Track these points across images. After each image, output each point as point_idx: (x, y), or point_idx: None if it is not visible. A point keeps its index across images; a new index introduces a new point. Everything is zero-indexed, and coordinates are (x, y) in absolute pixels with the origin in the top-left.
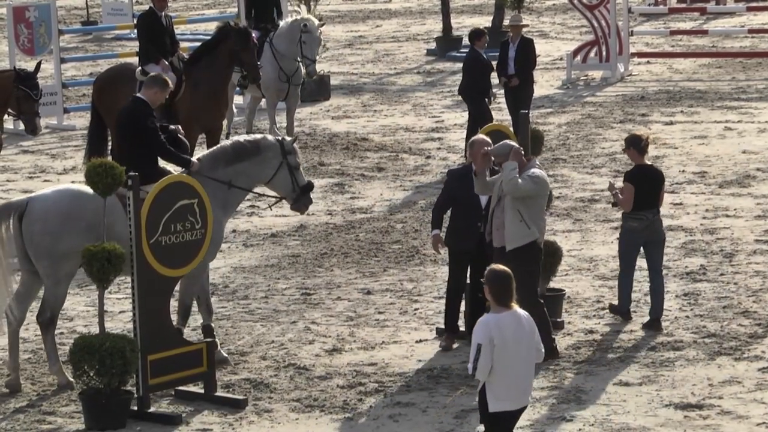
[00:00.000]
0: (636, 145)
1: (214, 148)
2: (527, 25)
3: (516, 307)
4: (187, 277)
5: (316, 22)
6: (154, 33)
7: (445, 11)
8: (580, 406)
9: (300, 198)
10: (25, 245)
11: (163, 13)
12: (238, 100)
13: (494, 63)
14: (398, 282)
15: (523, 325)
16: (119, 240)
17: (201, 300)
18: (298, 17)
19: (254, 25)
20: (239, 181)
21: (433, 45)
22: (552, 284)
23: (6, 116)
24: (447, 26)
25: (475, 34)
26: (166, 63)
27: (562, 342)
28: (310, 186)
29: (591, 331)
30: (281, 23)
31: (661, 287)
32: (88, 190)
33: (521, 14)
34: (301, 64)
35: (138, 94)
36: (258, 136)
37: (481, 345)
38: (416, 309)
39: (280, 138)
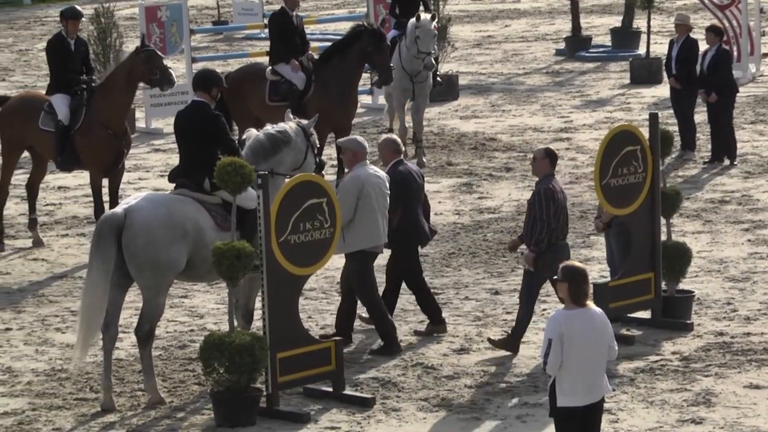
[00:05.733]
0: None
1: (251, 142)
2: (692, 27)
3: (591, 304)
4: (250, 280)
5: (428, 16)
6: (285, 32)
7: (575, 11)
8: (709, 408)
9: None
10: (124, 258)
11: (294, 13)
12: (366, 99)
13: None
14: None
15: (594, 322)
16: (209, 246)
17: (240, 304)
18: (419, 14)
19: (397, 22)
20: (279, 171)
21: (562, 45)
22: (681, 286)
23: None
24: (576, 26)
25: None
26: (297, 62)
27: (691, 344)
28: (323, 164)
29: (721, 334)
30: (409, 22)
31: None
32: (176, 197)
33: (687, 13)
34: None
35: (198, 98)
36: (283, 125)
37: (552, 340)
38: (544, 310)
39: (301, 122)
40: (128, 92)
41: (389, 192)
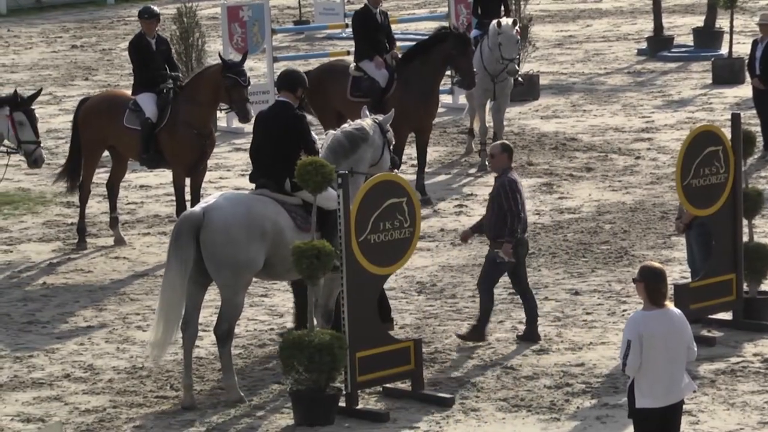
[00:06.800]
0: None
1: (330, 142)
2: None
3: (669, 305)
4: (330, 280)
5: (510, 21)
6: (369, 30)
7: (657, 11)
8: None
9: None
10: (202, 257)
11: (378, 10)
12: (446, 99)
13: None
14: (606, 283)
15: (674, 323)
16: (288, 247)
17: (319, 304)
18: (497, 21)
19: (479, 22)
20: (359, 169)
21: (644, 45)
22: (763, 287)
23: (219, 113)
24: (658, 26)
25: None
26: (380, 60)
27: None
28: (397, 162)
29: None
30: (491, 24)
31: None
32: (255, 196)
33: None
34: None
35: (282, 98)
36: (360, 122)
37: (631, 341)
38: (624, 310)
39: (377, 119)
40: (212, 100)
41: None
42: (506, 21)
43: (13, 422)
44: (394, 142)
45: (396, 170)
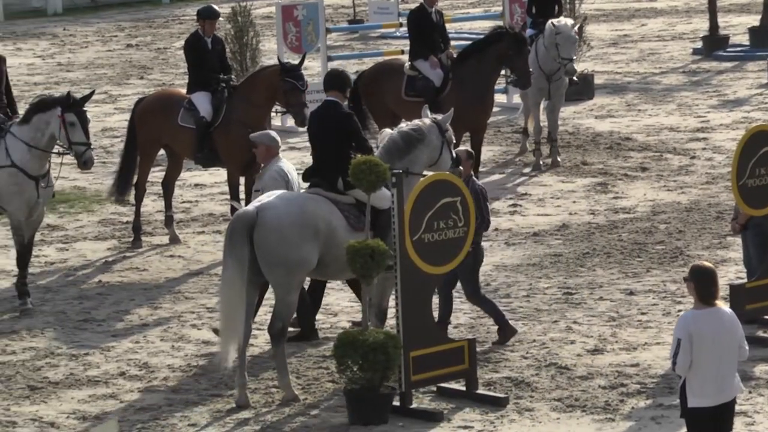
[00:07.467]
0: None
1: (385, 142)
2: None
3: (720, 304)
4: (384, 279)
5: (569, 21)
6: (424, 29)
7: (712, 10)
8: None
9: (453, 172)
10: (256, 256)
11: (433, 9)
12: (501, 98)
13: None
14: (661, 283)
15: (724, 322)
16: (341, 246)
17: (373, 303)
18: (554, 20)
19: (533, 21)
20: (414, 169)
21: (699, 44)
22: None
23: (274, 113)
24: (714, 25)
25: None
26: (435, 60)
27: None
28: (459, 160)
29: None
30: (547, 24)
31: None
32: (309, 196)
33: None
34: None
35: (330, 98)
36: (418, 122)
37: (681, 340)
38: (679, 310)
39: (435, 118)
40: (268, 100)
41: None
42: (564, 21)
43: (69, 420)
44: (454, 141)
45: (459, 168)
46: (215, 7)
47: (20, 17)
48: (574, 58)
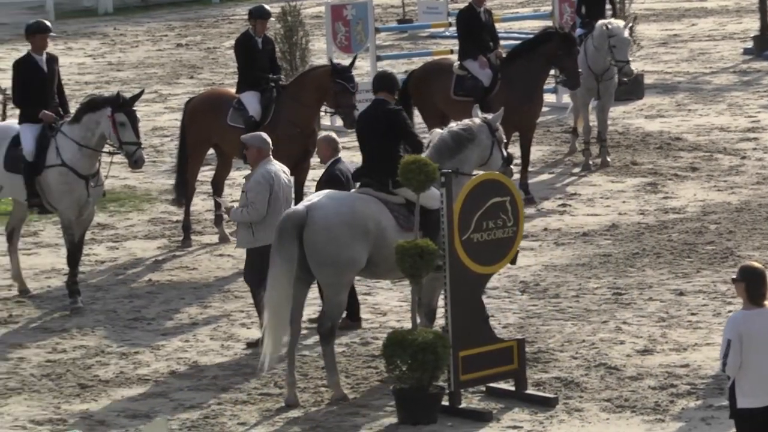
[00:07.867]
0: None
1: (435, 142)
2: None
3: None
4: (433, 279)
5: (621, 23)
6: (473, 29)
7: (763, 9)
8: None
9: (504, 171)
10: (306, 255)
11: (482, 9)
12: (550, 98)
13: None
14: (711, 283)
15: None
16: (390, 246)
17: (423, 302)
18: (605, 22)
19: (582, 21)
20: (464, 169)
21: (749, 44)
22: None
23: (322, 113)
24: (764, 25)
25: None
26: (484, 59)
27: None
28: (511, 158)
29: None
30: (597, 24)
31: None
32: (358, 195)
33: None
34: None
35: (379, 97)
36: (468, 121)
37: (731, 341)
38: (729, 311)
39: (486, 118)
40: (317, 100)
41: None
42: (617, 23)
43: (118, 418)
44: (504, 140)
45: (510, 167)
46: (267, 6)
47: (71, 17)
48: (630, 59)
